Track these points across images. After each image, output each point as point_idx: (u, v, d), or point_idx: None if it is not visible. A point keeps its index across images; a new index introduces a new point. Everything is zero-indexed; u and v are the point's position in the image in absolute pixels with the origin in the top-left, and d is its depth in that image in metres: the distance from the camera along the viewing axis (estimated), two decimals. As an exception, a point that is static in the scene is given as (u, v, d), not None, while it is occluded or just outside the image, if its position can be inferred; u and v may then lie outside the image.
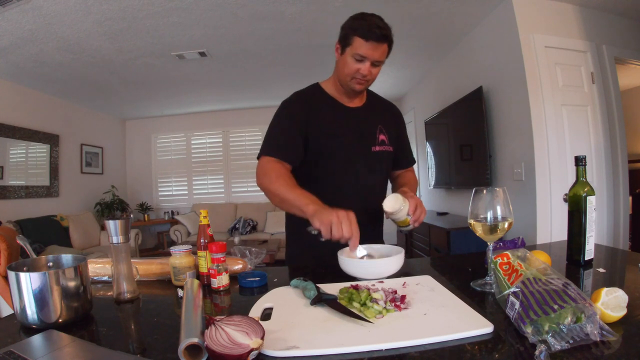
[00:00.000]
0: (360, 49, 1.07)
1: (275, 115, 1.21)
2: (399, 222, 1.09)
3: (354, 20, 1.10)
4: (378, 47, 1.07)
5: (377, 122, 1.26)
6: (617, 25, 2.87)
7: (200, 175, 6.23)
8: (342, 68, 1.14)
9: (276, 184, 1.07)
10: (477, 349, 0.53)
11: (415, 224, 1.08)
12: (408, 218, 1.06)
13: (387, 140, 1.26)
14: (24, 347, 0.57)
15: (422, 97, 4.80)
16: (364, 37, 1.06)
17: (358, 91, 1.19)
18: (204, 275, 0.93)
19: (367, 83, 1.16)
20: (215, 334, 0.52)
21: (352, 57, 1.10)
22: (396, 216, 1.06)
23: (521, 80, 2.56)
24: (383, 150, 1.25)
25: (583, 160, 0.93)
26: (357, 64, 1.10)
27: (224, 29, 3.03)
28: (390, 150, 1.27)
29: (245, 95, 5.27)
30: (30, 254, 0.86)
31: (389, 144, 1.27)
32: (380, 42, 1.06)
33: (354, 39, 1.08)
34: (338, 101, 1.24)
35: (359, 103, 1.26)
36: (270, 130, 1.19)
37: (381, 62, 1.11)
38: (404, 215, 1.05)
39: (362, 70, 1.10)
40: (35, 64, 3.47)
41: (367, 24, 1.06)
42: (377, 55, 1.08)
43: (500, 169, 2.97)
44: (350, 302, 0.69)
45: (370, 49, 1.07)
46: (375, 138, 1.24)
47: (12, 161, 4.05)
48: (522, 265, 0.66)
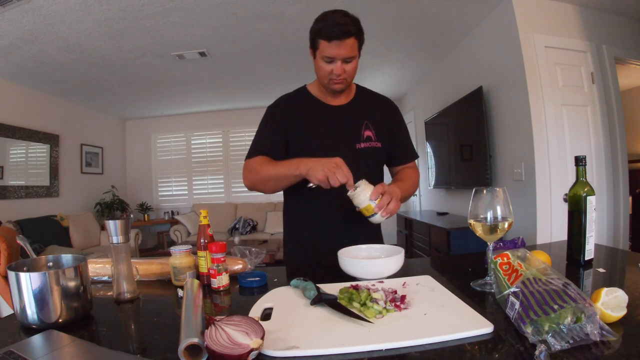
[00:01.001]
0: (326, 51, 1.06)
1: (260, 121, 1.25)
2: (362, 210, 1.00)
3: (317, 22, 1.08)
4: (342, 44, 1.05)
5: (362, 118, 1.23)
6: (617, 25, 2.87)
7: (200, 175, 6.23)
8: (318, 71, 1.15)
9: (262, 171, 1.13)
10: (477, 349, 0.53)
11: (383, 214, 0.99)
12: (371, 204, 0.98)
13: (373, 136, 1.23)
14: (24, 347, 0.57)
15: (422, 97, 4.80)
16: (326, 39, 1.05)
17: (338, 91, 1.19)
18: (204, 275, 0.93)
19: (345, 81, 1.14)
20: (215, 334, 0.52)
21: (322, 60, 1.09)
22: (356, 201, 0.99)
23: (521, 80, 2.56)
24: (369, 146, 1.22)
25: (583, 160, 0.93)
26: (328, 66, 1.10)
27: (224, 29, 3.03)
28: (378, 146, 1.23)
29: (245, 95, 5.27)
30: (30, 254, 0.86)
31: (376, 140, 1.23)
32: (343, 39, 1.04)
33: (318, 42, 1.07)
34: (321, 101, 1.24)
35: (345, 100, 1.25)
36: (255, 136, 1.24)
37: (353, 57, 1.09)
38: (365, 200, 0.98)
39: (335, 71, 1.09)
40: (35, 64, 3.47)
41: (327, 24, 1.04)
42: (345, 53, 1.06)
43: (500, 169, 2.97)
44: (350, 302, 0.69)
45: (335, 48, 1.05)
46: (359, 135, 1.21)
47: (12, 161, 4.05)
48: (522, 265, 0.66)
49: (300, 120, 1.21)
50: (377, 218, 1.00)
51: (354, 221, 1.19)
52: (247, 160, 1.20)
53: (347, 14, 1.07)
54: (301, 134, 1.20)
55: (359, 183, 0.99)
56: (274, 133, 1.21)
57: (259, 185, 1.16)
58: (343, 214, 1.19)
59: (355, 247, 1.03)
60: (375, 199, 0.97)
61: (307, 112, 1.23)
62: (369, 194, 0.98)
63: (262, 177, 1.14)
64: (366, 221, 1.03)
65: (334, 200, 1.17)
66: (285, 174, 1.08)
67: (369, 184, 1.00)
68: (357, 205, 1.00)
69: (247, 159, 1.21)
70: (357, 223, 1.19)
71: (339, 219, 1.20)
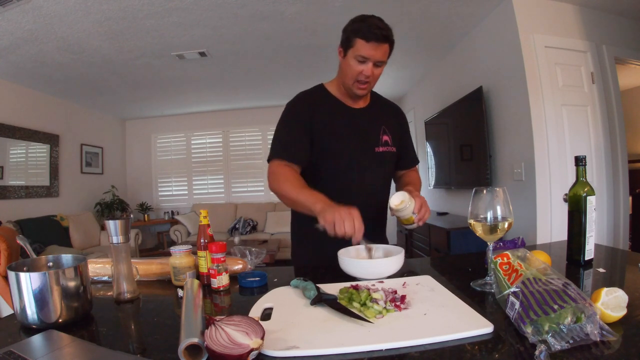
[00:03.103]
0: (362, 50, 1.09)
1: (281, 117, 1.22)
2: (403, 220, 1.10)
3: (354, 22, 1.11)
4: (379, 47, 1.08)
5: (380, 123, 1.27)
6: (617, 25, 2.87)
7: (200, 175, 6.23)
8: (346, 70, 1.16)
9: (285, 186, 1.11)
10: (477, 349, 0.53)
11: (420, 223, 1.09)
12: (413, 216, 1.07)
13: (390, 141, 1.27)
14: (24, 347, 0.57)
15: (422, 97, 4.80)
16: (365, 38, 1.07)
17: (360, 96, 1.21)
18: (204, 275, 0.93)
19: (369, 86, 1.17)
20: (215, 334, 0.52)
21: (355, 59, 1.11)
22: (402, 213, 1.07)
23: (521, 80, 2.56)
24: (386, 150, 1.25)
25: (583, 160, 0.93)
26: (359, 66, 1.11)
27: (224, 29, 3.03)
28: (394, 151, 1.28)
29: (245, 95, 5.27)
30: (30, 254, 0.86)
31: (392, 144, 1.27)
32: (381, 42, 1.08)
33: (355, 40, 1.09)
34: (342, 102, 1.25)
35: (363, 104, 1.27)
36: (276, 133, 1.21)
37: (383, 62, 1.13)
38: (409, 213, 1.06)
39: (365, 71, 1.11)
40: (35, 64, 3.47)
41: (368, 25, 1.07)
42: (379, 56, 1.10)
43: (500, 169, 2.97)
44: (350, 302, 0.69)
45: (372, 49, 1.08)
46: (378, 139, 1.24)
47: (12, 161, 4.05)
48: (522, 265, 0.66)
49: (324, 119, 1.20)
50: (412, 226, 1.11)
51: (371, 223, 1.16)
52: (272, 163, 1.17)
53: (383, 20, 1.11)
54: (325, 133, 1.19)
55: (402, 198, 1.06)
56: (298, 131, 1.17)
57: (277, 194, 1.15)
58: None
59: (355, 247, 1.03)
60: (417, 212, 1.07)
61: (330, 112, 1.22)
62: (412, 208, 1.06)
63: (282, 193, 1.12)
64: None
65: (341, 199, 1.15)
66: (302, 203, 1.06)
67: (409, 197, 1.07)
68: (400, 217, 1.09)
69: (272, 159, 1.18)
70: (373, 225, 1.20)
71: None
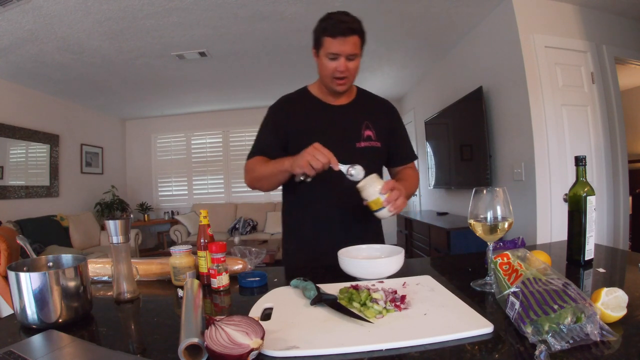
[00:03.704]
0: (331, 47, 1.10)
1: (262, 121, 1.29)
2: (371, 203, 0.99)
3: (321, 22, 1.13)
4: (347, 41, 1.09)
5: (363, 118, 1.25)
6: (617, 25, 2.87)
7: (200, 175, 6.23)
8: (321, 70, 1.18)
9: (256, 170, 1.19)
10: (477, 349, 0.53)
11: (391, 209, 0.99)
12: (380, 198, 0.97)
13: (374, 135, 1.25)
14: (24, 347, 0.57)
15: (422, 97, 4.80)
16: (331, 35, 1.09)
17: (341, 92, 1.21)
18: (204, 275, 0.93)
19: (347, 81, 1.17)
20: (215, 334, 0.52)
21: (327, 57, 1.13)
22: (365, 193, 0.98)
23: (521, 80, 2.56)
24: (369, 146, 1.23)
25: (583, 160, 0.93)
26: (332, 63, 1.12)
27: (224, 29, 3.03)
28: (378, 146, 1.25)
29: (245, 95, 5.27)
30: (30, 254, 0.86)
31: (376, 139, 1.25)
32: (348, 35, 1.08)
33: (323, 39, 1.11)
34: (322, 100, 1.26)
35: (346, 101, 1.27)
36: (256, 137, 1.28)
37: (356, 55, 1.12)
38: (375, 192, 0.97)
39: (339, 67, 1.12)
40: (35, 64, 3.47)
41: (333, 22, 1.09)
42: (349, 49, 1.10)
43: (500, 169, 2.97)
44: (350, 302, 0.69)
45: (340, 44, 1.09)
46: (360, 134, 1.23)
47: (12, 161, 4.04)
48: (522, 265, 0.66)
49: (300, 119, 1.23)
50: (384, 213, 0.99)
51: (355, 219, 1.19)
52: (247, 161, 1.25)
53: (349, 14, 1.12)
54: (301, 132, 1.21)
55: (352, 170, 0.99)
56: (272, 133, 1.24)
57: (255, 183, 1.23)
58: (343, 212, 1.19)
59: (355, 247, 1.03)
60: (385, 193, 0.97)
61: (307, 112, 1.24)
62: (379, 187, 0.97)
63: (256, 176, 1.20)
64: (367, 219, 1.04)
65: (333, 197, 1.18)
66: (273, 172, 1.13)
67: (380, 178, 1.00)
68: (365, 197, 0.99)
69: (247, 159, 1.25)
70: (358, 221, 1.19)
71: (338, 217, 1.20)
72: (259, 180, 1.20)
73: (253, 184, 1.23)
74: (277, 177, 1.15)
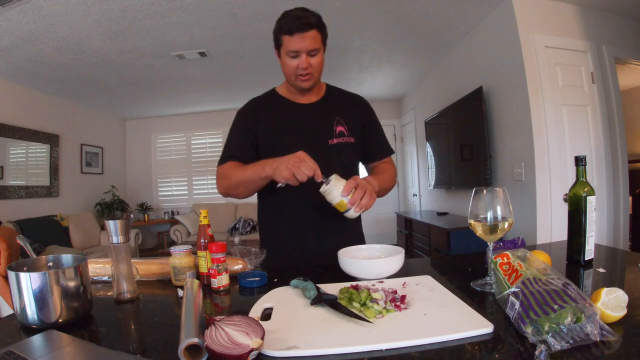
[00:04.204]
0: (290, 45, 1.08)
1: (231, 126, 1.26)
2: (336, 206, 0.97)
3: (277, 21, 1.11)
4: (305, 36, 1.06)
5: (334, 114, 1.22)
6: (617, 25, 2.87)
7: (200, 175, 6.23)
8: (285, 69, 1.15)
9: (231, 176, 1.13)
10: (477, 349, 0.53)
11: (356, 209, 0.96)
12: (344, 200, 0.95)
13: (346, 131, 1.22)
14: (24, 347, 0.57)
15: (422, 97, 4.80)
16: (288, 33, 1.07)
17: (306, 88, 1.18)
18: (204, 275, 0.93)
19: (312, 77, 1.13)
20: (215, 334, 0.52)
21: (287, 56, 1.10)
22: (329, 198, 0.96)
23: (521, 80, 2.56)
24: (341, 142, 1.20)
25: (583, 160, 0.93)
26: (293, 61, 1.10)
27: (224, 29, 3.03)
28: (352, 142, 1.22)
29: (245, 95, 5.19)
30: (30, 254, 0.86)
31: (348, 134, 1.22)
32: (305, 31, 1.05)
33: (282, 38, 1.09)
34: (291, 100, 1.24)
35: (314, 99, 1.25)
36: (225, 142, 1.24)
37: (317, 49, 1.09)
38: (336, 196, 0.95)
39: (301, 64, 1.09)
40: (35, 64, 3.47)
41: (288, 19, 1.07)
42: (308, 45, 1.07)
43: (500, 169, 2.97)
44: (350, 302, 0.69)
45: (298, 41, 1.06)
46: (332, 131, 1.21)
47: (12, 161, 4.05)
48: (522, 265, 0.66)
49: (269, 121, 1.21)
50: (351, 213, 0.97)
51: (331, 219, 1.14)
52: (218, 167, 1.20)
53: (307, 9, 1.09)
54: (270, 134, 1.19)
55: (330, 178, 0.96)
56: (242, 137, 1.21)
57: (230, 191, 1.16)
58: (319, 213, 1.16)
59: (355, 247, 1.03)
60: (348, 195, 0.94)
61: (276, 113, 1.22)
62: (340, 190, 0.94)
63: (232, 183, 1.13)
64: (344, 219, 1.01)
65: (308, 199, 1.13)
66: (252, 177, 1.07)
67: (341, 179, 0.97)
68: (330, 201, 0.98)
69: (219, 165, 1.20)
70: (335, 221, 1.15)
71: (315, 219, 1.17)
72: (235, 187, 1.13)
73: (228, 191, 1.16)
74: (257, 183, 1.09)
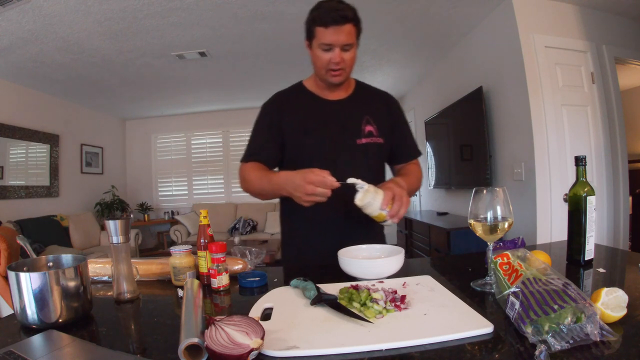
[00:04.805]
0: (323, 38, 1.04)
1: (255, 120, 1.23)
2: (375, 218, 0.98)
3: (311, 12, 1.07)
4: (340, 29, 1.02)
5: (363, 112, 1.18)
6: (617, 25, 2.87)
7: (200, 175, 6.23)
8: (315, 62, 1.11)
9: (251, 182, 1.13)
10: (477, 349, 0.53)
11: (394, 220, 0.96)
12: (383, 213, 0.94)
13: (375, 131, 1.17)
14: (24, 347, 0.57)
15: (422, 97, 4.79)
16: (323, 25, 1.02)
17: (336, 83, 1.14)
18: (204, 275, 0.93)
19: (344, 72, 1.10)
20: (215, 334, 0.52)
21: (320, 48, 1.06)
22: (368, 210, 0.95)
23: (521, 80, 2.56)
24: (370, 142, 1.16)
25: (583, 160, 0.93)
26: (326, 54, 1.06)
27: (224, 29, 3.03)
28: (380, 142, 1.18)
29: (245, 95, 5.27)
30: (30, 254, 0.86)
31: (378, 135, 1.18)
32: (340, 24, 1.01)
33: (315, 29, 1.05)
34: (318, 95, 1.20)
35: (343, 95, 1.21)
36: (250, 137, 1.22)
37: (350, 44, 1.06)
38: (376, 209, 0.94)
39: (333, 59, 1.06)
40: (35, 64, 3.47)
41: (324, 10, 1.03)
42: (343, 39, 1.03)
43: (500, 169, 2.97)
44: (350, 302, 0.69)
45: (333, 34, 1.02)
46: (360, 130, 1.17)
47: (12, 161, 4.05)
48: (522, 265, 0.66)
49: (295, 116, 1.17)
50: (387, 223, 0.98)
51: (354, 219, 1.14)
52: (241, 165, 1.19)
53: (343, 1, 1.06)
54: (296, 131, 1.16)
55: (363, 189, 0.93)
56: (266, 134, 1.18)
57: (252, 194, 1.18)
58: (342, 213, 1.15)
59: (355, 247, 1.03)
60: (387, 207, 0.94)
61: (303, 108, 1.18)
62: (379, 203, 0.93)
63: (253, 190, 1.15)
64: (367, 219, 1.00)
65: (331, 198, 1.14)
66: (270, 191, 1.08)
67: (378, 190, 0.95)
68: (368, 213, 0.96)
69: (241, 161, 1.20)
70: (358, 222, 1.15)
71: (337, 218, 1.16)
72: (256, 194, 1.16)
73: (250, 193, 1.18)
74: (275, 194, 1.10)
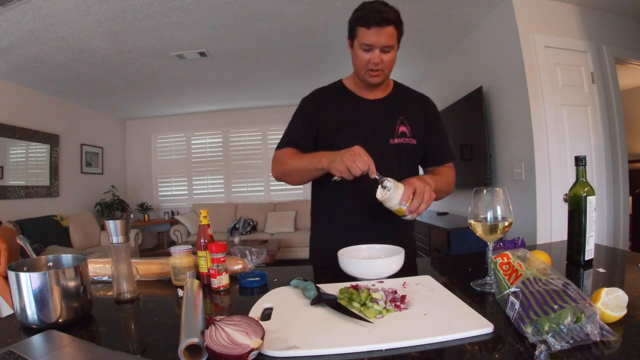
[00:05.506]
0: (365, 38, 1.06)
1: (294, 112, 1.26)
2: (395, 212, 0.99)
3: (355, 12, 1.09)
4: (382, 31, 1.04)
5: (398, 113, 1.20)
6: (617, 25, 2.87)
7: (200, 175, 6.23)
8: (355, 61, 1.14)
9: (287, 163, 1.15)
10: (477, 349, 0.53)
11: (414, 215, 0.97)
12: (402, 207, 0.96)
13: (409, 132, 1.19)
14: (24, 347, 0.57)
15: (422, 97, 4.79)
16: (365, 25, 1.05)
17: (375, 84, 1.17)
18: (204, 275, 0.93)
19: (382, 73, 1.12)
20: (215, 334, 0.52)
21: (360, 48, 1.09)
22: (388, 205, 0.98)
23: (521, 80, 2.56)
24: (403, 142, 1.18)
25: (583, 160, 0.93)
26: (366, 54, 1.09)
27: (224, 29, 3.03)
28: (413, 143, 1.20)
29: (245, 95, 5.27)
30: (30, 254, 0.86)
31: (411, 136, 1.19)
32: (382, 26, 1.04)
33: (357, 29, 1.08)
34: (356, 94, 1.22)
35: (381, 95, 1.23)
36: (287, 127, 1.25)
37: (391, 46, 1.08)
38: (395, 204, 0.96)
39: (373, 59, 1.08)
40: (35, 64, 3.47)
41: (367, 11, 1.05)
42: (384, 40, 1.06)
43: (500, 169, 2.97)
44: (350, 302, 0.69)
45: (374, 35, 1.05)
46: (394, 130, 1.18)
47: (12, 161, 4.04)
48: (522, 265, 0.66)
49: (332, 112, 1.20)
50: (409, 218, 1.00)
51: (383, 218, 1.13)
52: (276, 152, 1.22)
53: (387, 3, 1.08)
54: (331, 126, 1.18)
55: (386, 183, 0.95)
56: (303, 125, 1.21)
57: (284, 177, 1.19)
58: (371, 210, 1.15)
59: (355, 247, 1.03)
60: (407, 202, 0.95)
61: (340, 105, 1.21)
62: (399, 198, 0.95)
63: (287, 170, 1.16)
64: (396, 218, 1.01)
65: (361, 195, 1.13)
66: (308, 167, 1.09)
67: (399, 185, 0.96)
68: (389, 207, 0.98)
69: (277, 149, 1.22)
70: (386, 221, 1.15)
71: (366, 216, 1.17)
72: (290, 174, 1.17)
73: (282, 177, 1.19)
74: (312, 174, 1.11)
